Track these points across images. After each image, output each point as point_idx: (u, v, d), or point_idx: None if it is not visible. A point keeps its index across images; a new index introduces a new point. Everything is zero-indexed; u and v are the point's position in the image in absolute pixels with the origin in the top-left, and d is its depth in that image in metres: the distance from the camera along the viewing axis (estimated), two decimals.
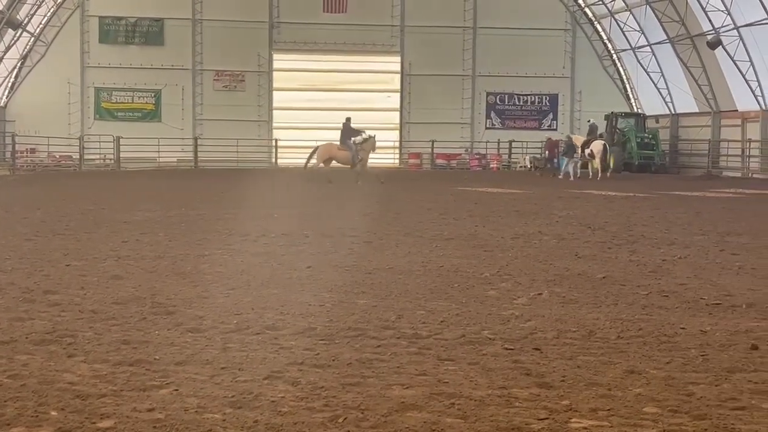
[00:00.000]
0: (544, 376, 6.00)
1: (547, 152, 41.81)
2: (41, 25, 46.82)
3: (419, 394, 5.54)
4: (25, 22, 44.31)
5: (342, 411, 5.20)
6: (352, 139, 32.72)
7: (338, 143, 32.96)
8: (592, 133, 38.75)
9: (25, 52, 46.53)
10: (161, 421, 4.98)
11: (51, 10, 46.89)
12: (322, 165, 32.52)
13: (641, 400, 5.47)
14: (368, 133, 33.77)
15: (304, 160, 33.28)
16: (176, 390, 5.59)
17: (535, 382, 5.87)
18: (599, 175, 36.51)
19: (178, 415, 5.10)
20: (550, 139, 42.58)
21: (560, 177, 36.23)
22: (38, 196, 24.60)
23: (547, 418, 5.10)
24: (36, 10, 45.29)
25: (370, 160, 33.31)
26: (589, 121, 42.42)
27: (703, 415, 5.20)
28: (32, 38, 46.49)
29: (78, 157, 45.12)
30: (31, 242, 13.47)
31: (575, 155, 37.59)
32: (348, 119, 33.69)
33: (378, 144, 33.74)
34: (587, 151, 37.58)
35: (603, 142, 38.35)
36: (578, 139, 38.29)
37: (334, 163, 32.82)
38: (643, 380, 5.94)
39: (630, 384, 5.83)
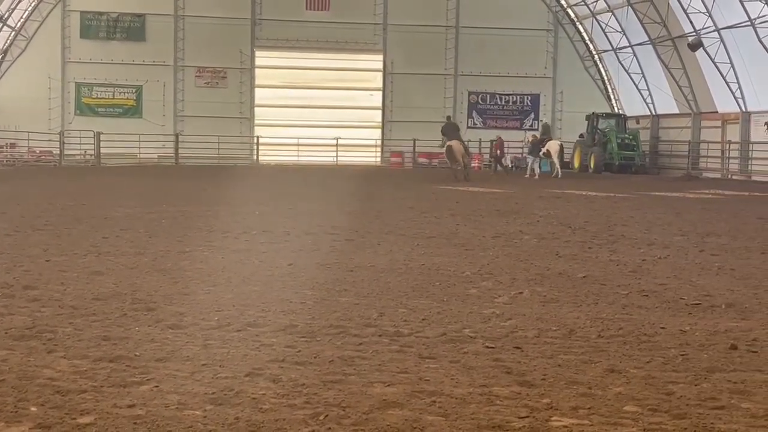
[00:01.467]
0: (524, 375, 6.01)
1: (498, 151, 42.28)
2: (22, 20, 46.54)
3: (400, 392, 5.54)
4: (5, 16, 44.03)
5: (323, 408, 5.19)
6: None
7: (454, 142, 32.95)
8: (546, 133, 39.13)
9: (5, 47, 46.24)
10: (141, 418, 4.96)
11: (32, 5, 46.62)
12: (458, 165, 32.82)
13: (621, 399, 5.49)
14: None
15: (450, 166, 33.33)
16: (157, 386, 5.56)
17: (515, 380, 5.88)
18: (558, 174, 37.06)
19: (159, 411, 5.08)
20: (499, 138, 42.93)
21: (532, 177, 36.69)
22: (18, 192, 24.44)
23: (527, 417, 5.11)
24: (17, 4, 45.00)
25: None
26: (541, 120, 42.61)
27: (683, 414, 5.22)
28: (13, 33, 46.21)
29: (58, 152, 44.91)
30: (11, 237, 13.39)
31: (540, 154, 38.13)
32: (449, 117, 33.56)
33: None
34: (542, 150, 38.01)
35: (559, 141, 38.73)
36: (535, 138, 38.84)
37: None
38: (624, 379, 5.96)
39: (610, 383, 5.85)
